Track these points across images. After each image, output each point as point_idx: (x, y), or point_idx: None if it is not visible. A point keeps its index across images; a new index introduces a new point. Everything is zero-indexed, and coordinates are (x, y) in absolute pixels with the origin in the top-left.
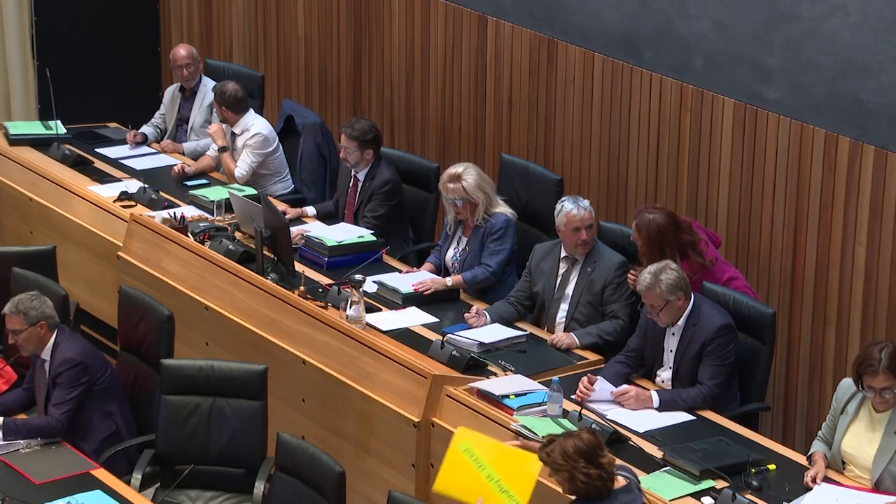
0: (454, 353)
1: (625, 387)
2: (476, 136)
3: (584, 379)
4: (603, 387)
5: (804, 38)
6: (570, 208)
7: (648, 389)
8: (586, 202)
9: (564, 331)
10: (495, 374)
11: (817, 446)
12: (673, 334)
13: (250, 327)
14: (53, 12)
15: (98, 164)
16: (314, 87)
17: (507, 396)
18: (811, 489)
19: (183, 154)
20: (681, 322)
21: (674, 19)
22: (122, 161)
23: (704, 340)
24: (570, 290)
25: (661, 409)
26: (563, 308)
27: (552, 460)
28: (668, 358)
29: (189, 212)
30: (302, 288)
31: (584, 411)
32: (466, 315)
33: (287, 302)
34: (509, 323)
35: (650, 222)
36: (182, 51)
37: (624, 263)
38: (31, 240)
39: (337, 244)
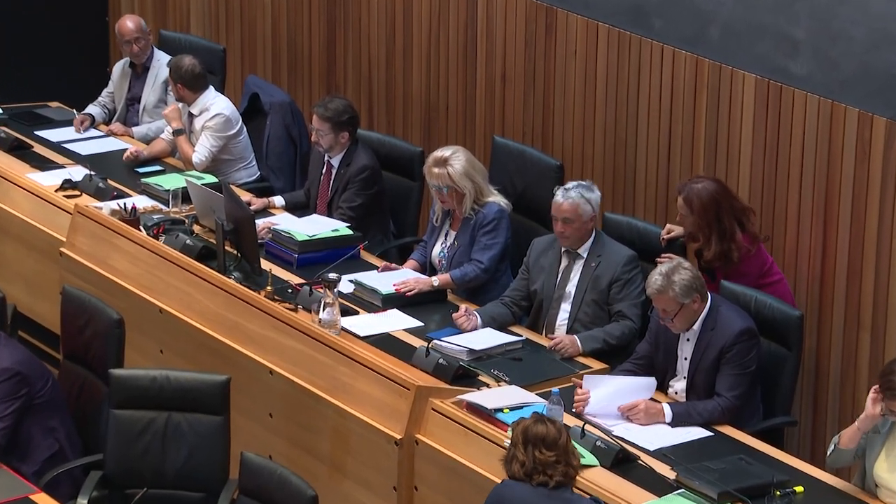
0: (441, 361)
1: (633, 399)
2: (465, 116)
3: (577, 389)
4: (600, 387)
5: (834, 6)
6: (556, 195)
7: (660, 402)
8: (577, 190)
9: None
10: (487, 385)
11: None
12: (688, 340)
13: (210, 332)
14: None
15: (38, 148)
16: (282, 61)
17: (501, 410)
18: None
19: (133, 138)
20: (696, 326)
21: None
22: (65, 145)
23: (723, 347)
24: (571, 288)
25: (673, 423)
26: (565, 309)
27: (512, 430)
28: (683, 366)
29: (141, 202)
30: (269, 288)
31: (587, 427)
32: (455, 315)
33: (252, 304)
34: (503, 326)
35: (701, 191)
36: (129, 23)
37: (633, 258)
38: None
39: (308, 239)
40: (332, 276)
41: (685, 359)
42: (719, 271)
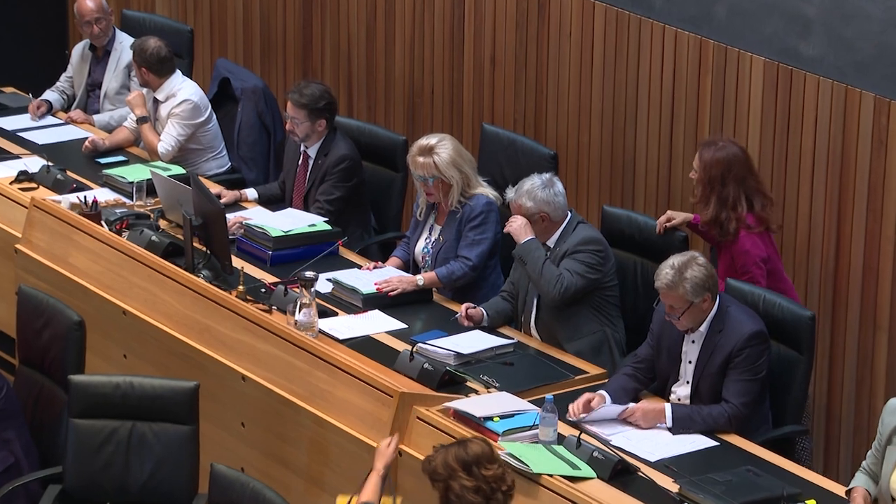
0: (426, 366)
1: (631, 407)
2: (452, 102)
3: (581, 400)
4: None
5: None
6: None
7: (660, 403)
8: (521, 188)
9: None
10: (476, 392)
11: (859, 480)
12: (693, 342)
13: (178, 336)
14: None
15: None
16: (254, 43)
17: (491, 419)
18: None
19: (94, 126)
20: (703, 328)
21: None
22: (20, 134)
23: (731, 351)
24: None
25: (674, 427)
26: (534, 302)
27: (431, 469)
28: (686, 370)
29: (103, 195)
30: (241, 288)
31: (583, 436)
32: (464, 305)
33: (223, 305)
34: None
35: (720, 148)
36: (89, 3)
37: (592, 240)
38: None
39: (283, 234)
40: (309, 274)
41: (689, 362)
42: (711, 239)
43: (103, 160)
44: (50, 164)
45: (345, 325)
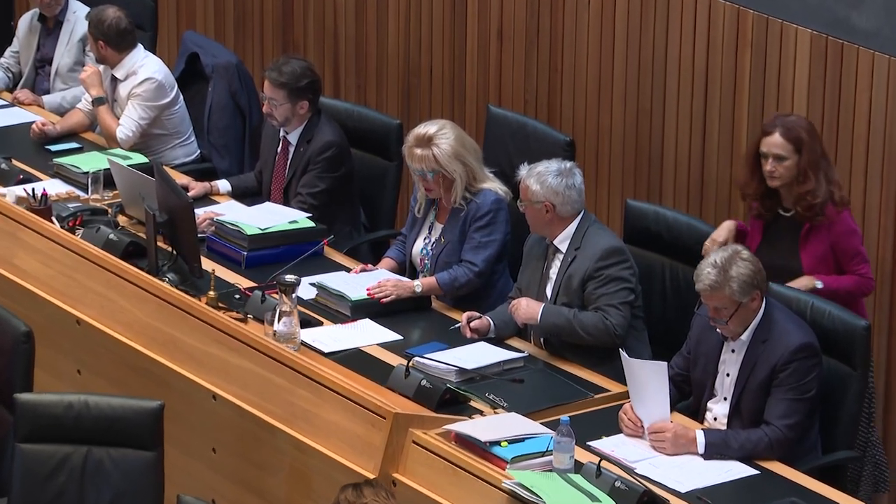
0: (424, 383)
1: (663, 423)
2: (453, 81)
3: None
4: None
5: None
6: None
7: (691, 429)
8: (534, 169)
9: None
10: (481, 413)
11: None
12: (733, 351)
13: (139, 348)
14: None
15: None
16: (227, 14)
17: (498, 443)
18: None
19: (43, 108)
20: (745, 336)
21: None
22: None
23: (776, 364)
24: (550, 289)
25: (707, 454)
26: None
27: None
28: (723, 384)
29: (53, 188)
30: (212, 294)
31: (603, 463)
32: (466, 315)
33: (191, 313)
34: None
35: (802, 122)
36: None
37: (613, 251)
38: None
39: (260, 232)
40: (290, 278)
41: (727, 375)
42: (808, 224)
43: (54, 147)
44: None
45: (331, 337)
